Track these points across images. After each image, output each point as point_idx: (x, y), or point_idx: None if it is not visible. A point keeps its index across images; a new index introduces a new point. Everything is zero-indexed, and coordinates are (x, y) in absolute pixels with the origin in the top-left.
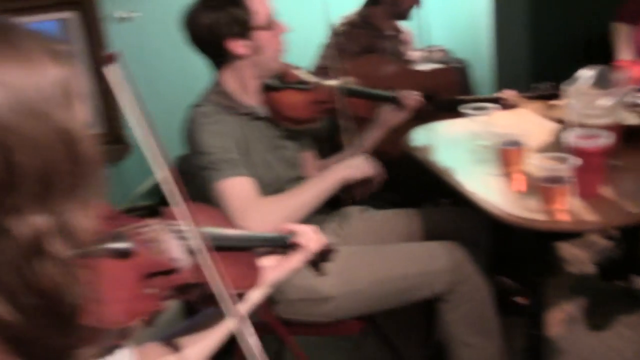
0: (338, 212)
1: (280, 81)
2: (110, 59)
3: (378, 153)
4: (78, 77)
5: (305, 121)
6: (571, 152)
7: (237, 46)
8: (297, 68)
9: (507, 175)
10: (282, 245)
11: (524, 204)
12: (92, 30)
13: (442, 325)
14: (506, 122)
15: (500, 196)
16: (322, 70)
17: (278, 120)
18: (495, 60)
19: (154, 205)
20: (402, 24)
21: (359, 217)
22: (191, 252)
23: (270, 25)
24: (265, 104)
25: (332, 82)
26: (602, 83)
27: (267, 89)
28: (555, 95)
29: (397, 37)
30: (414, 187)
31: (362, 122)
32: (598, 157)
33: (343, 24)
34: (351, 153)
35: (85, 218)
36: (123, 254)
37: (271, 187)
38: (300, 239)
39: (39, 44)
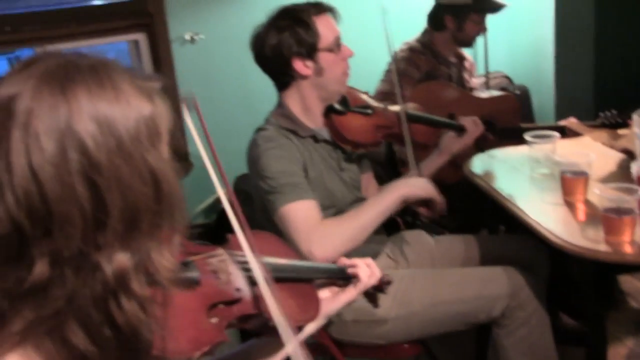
0: (395, 236)
1: (344, 105)
2: (186, 102)
3: (435, 178)
4: (167, 115)
5: (367, 145)
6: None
7: (301, 66)
8: (362, 92)
9: (570, 204)
10: (341, 277)
11: (586, 234)
12: (160, 52)
13: (496, 351)
14: (569, 150)
15: (562, 226)
16: (383, 95)
17: (340, 143)
18: (558, 87)
19: (210, 224)
20: (464, 51)
21: (414, 242)
22: (254, 283)
23: (335, 49)
24: (327, 127)
25: (396, 108)
26: None
27: (331, 112)
28: (620, 125)
29: (460, 64)
30: (471, 213)
31: (422, 149)
32: None
33: (404, 50)
34: (410, 177)
35: (166, 257)
36: (190, 284)
37: (331, 209)
38: (357, 272)
39: (132, 82)
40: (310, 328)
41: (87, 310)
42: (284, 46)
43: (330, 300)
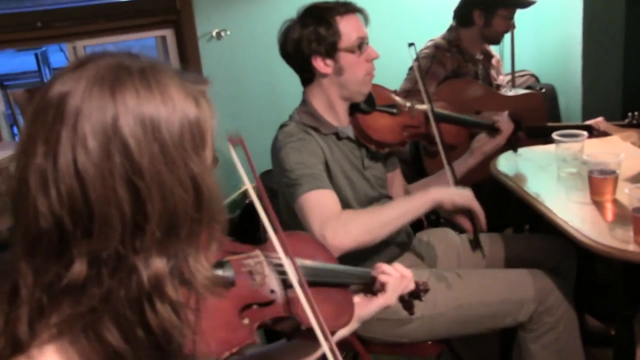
0: (420, 233)
1: (370, 104)
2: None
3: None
4: (212, 119)
5: (393, 145)
6: None
7: (321, 64)
8: (390, 91)
9: (598, 204)
10: (374, 283)
11: (615, 234)
12: (187, 48)
13: (521, 354)
14: (598, 150)
15: (590, 225)
16: (406, 94)
17: (365, 142)
18: (585, 86)
19: (234, 219)
20: (491, 48)
21: (440, 240)
22: (288, 285)
23: (357, 50)
24: (353, 126)
25: (423, 107)
26: None
27: (356, 110)
28: None
29: (486, 61)
30: (496, 212)
31: (451, 149)
32: None
33: (429, 47)
34: (438, 178)
35: (202, 263)
36: (225, 284)
37: (354, 206)
38: (390, 279)
39: (180, 86)
40: (343, 332)
41: (122, 310)
42: (304, 43)
43: (364, 305)
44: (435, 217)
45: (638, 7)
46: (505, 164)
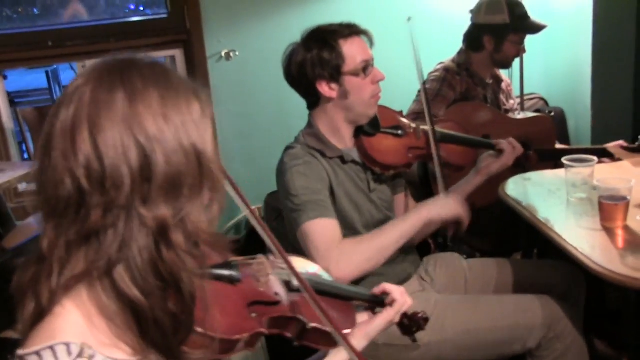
0: (427, 257)
1: (374, 126)
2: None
3: (468, 200)
4: (211, 109)
5: (397, 167)
6: None
7: (325, 88)
8: (396, 112)
9: (608, 230)
10: (379, 302)
11: (626, 261)
12: (196, 67)
13: None
14: (608, 175)
15: (600, 252)
16: (415, 115)
17: (369, 165)
18: (595, 110)
19: (240, 240)
20: (502, 72)
21: (447, 264)
22: (292, 289)
23: (361, 73)
24: (357, 148)
25: (428, 128)
26: None
27: (360, 132)
28: None
29: (496, 85)
30: (505, 236)
31: (459, 170)
32: None
33: (439, 70)
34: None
35: (202, 219)
36: (231, 280)
37: (361, 230)
38: (393, 296)
39: (181, 77)
40: (356, 344)
41: (134, 259)
42: (308, 67)
43: (369, 321)
44: (443, 240)
45: None
46: (514, 188)
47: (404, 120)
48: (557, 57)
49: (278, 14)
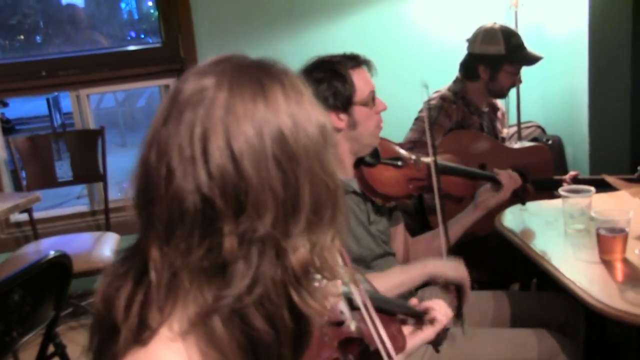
0: (422, 290)
1: (375, 157)
2: None
3: (468, 230)
4: (331, 127)
5: (399, 198)
6: None
7: (335, 119)
8: (394, 144)
9: (607, 263)
10: (415, 315)
11: (626, 296)
12: None
13: None
14: (606, 206)
15: (598, 286)
16: (412, 144)
17: (370, 196)
18: (592, 138)
19: None
20: (497, 101)
21: (442, 297)
22: (353, 307)
23: (370, 103)
24: (358, 179)
25: (428, 160)
26: None
27: (361, 163)
28: None
29: (492, 113)
30: (502, 267)
31: (458, 202)
32: None
33: (435, 99)
34: (443, 231)
35: (331, 253)
36: None
37: (360, 262)
38: (435, 315)
39: (310, 94)
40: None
41: (269, 294)
42: (320, 99)
43: (410, 337)
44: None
45: None
46: (511, 218)
47: (403, 151)
48: (554, 84)
49: (273, 43)
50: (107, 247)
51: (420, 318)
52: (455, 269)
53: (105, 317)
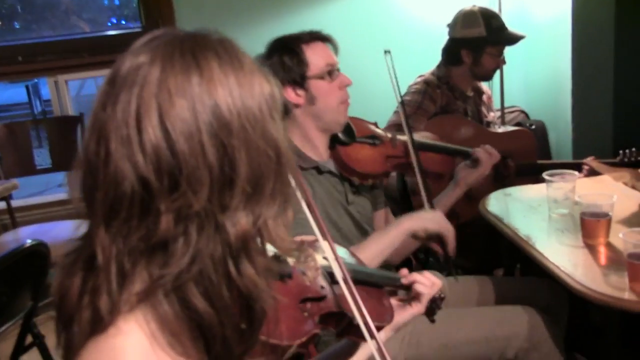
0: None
1: (349, 135)
2: None
3: (449, 214)
4: (280, 95)
5: (375, 176)
6: None
7: (292, 95)
8: (370, 123)
9: (590, 247)
10: (403, 287)
11: (609, 280)
12: None
13: None
14: (589, 190)
15: (582, 270)
16: (395, 127)
17: (346, 174)
18: (575, 123)
19: None
20: (482, 84)
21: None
22: (334, 281)
23: (328, 76)
24: (333, 159)
25: (405, 137)
26: None
27: (336, 142)
28: None
29: (477, 97)
30: (487, 252)
31: (437, 178)
32: None
33: (419, 83)
34: (422, 185)
35: (279, 226)
36: (282, 277)
37: (341, 243)
38: (427, 290)
39: (253, 62)
40: (382, 336)
41: (207, 271)
42: (271, 73)
43: (398, 312)
44: (425, 256)
45: (627, 43)
46: (495, 203)
47: (379, 130)
48: (537, 69)
49: (255, 28)
50: None
51: (406, 289)
52: (433, 220)
53: (62, 310)
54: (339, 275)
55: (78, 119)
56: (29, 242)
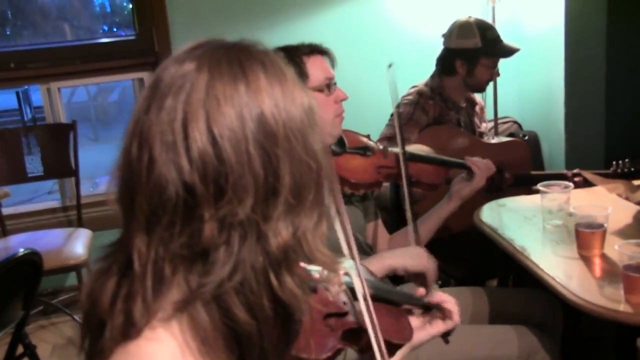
0: (401, 287)
1: (341, 146)
2: None
3: (443, 225)
4: (316, 108)
5: (366, 185)
6: None
7: None
8: (362, 135)
9: (585, 259)
10: (421, 306)
11: (604, 292)
12: None
13: None
14: (584, 202)
15: (577, 282)
16: (387, 140)
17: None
18: (568, 134)
19: None
20: (476, 95)
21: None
22: (355, 298)
23: (326, 89)
24: None
25: (396, 149)
26: None
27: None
28: (634, 174)
29: (470, 108)
30: (480, 263)
31: (431, 188)
32: None
33: (412, 94)
34: (418, 226)
35: (317, 238)
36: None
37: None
38: (450, 308)
39: (293, 75)
40: (398, 356)
41: (249, 281)
42: None
43: (419, 330)
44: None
45: (619, 55)
46: (490, 214)
47: (371, 142)
48: (530, 80)
49: (249, 36)
50: (79, 243)
51: (428, 309)
52: (413, 258)
53: (92, 314)
54: (359, 292)
55: (70, 126)
56: (21, 250)
